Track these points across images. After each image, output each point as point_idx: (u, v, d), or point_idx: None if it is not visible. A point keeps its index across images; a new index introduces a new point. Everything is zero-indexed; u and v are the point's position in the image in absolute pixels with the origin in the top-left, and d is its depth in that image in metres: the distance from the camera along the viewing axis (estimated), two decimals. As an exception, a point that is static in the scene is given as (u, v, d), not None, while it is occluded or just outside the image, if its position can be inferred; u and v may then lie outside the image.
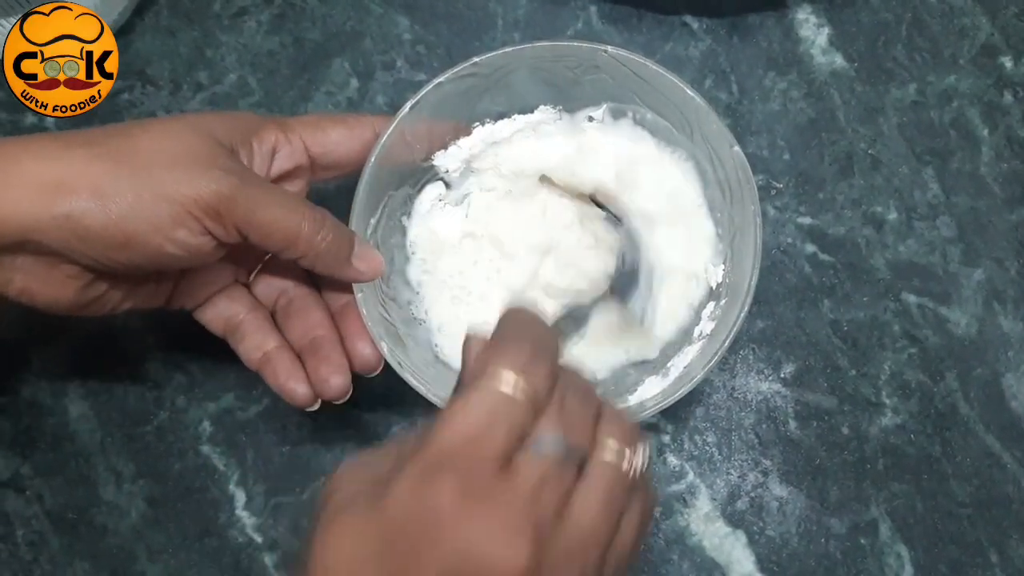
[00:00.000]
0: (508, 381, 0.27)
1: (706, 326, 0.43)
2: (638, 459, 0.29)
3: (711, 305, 0.44)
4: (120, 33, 0.53)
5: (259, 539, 0.47)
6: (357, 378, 0.41)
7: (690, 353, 0.43)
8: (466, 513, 0.25)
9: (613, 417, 0.30)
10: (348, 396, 0.41)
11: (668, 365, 0.43)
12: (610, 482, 0.28)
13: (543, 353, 0.29)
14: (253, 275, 0.43)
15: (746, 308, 0.40)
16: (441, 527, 0.25)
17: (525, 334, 0.30)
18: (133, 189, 0.34)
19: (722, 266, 0.44)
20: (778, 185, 0.50)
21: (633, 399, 0.42)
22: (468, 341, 0.31)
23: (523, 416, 0.27)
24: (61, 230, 0.33)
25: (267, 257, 0.43)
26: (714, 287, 0.44)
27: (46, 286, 0.35)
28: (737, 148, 0.41)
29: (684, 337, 0.44)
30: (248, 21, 0.54)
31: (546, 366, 0.29)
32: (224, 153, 0.36)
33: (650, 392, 0.42)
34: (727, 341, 0.40)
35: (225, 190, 0.35)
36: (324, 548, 0.26)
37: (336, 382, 0.40)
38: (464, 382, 0.29)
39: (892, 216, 0.50)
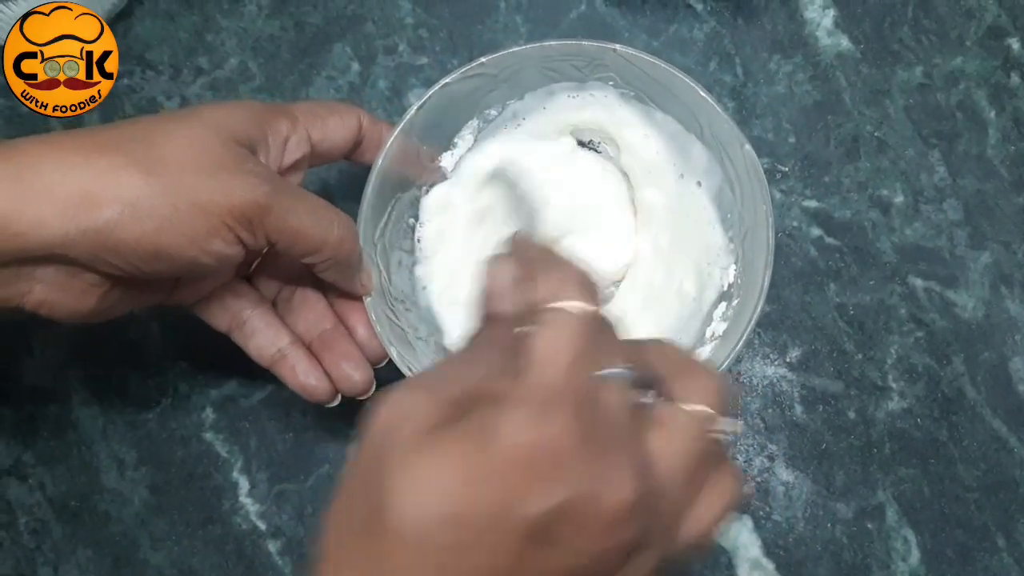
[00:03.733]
0: (576, 309, 0.26)
1: (718, 327, 0.43)
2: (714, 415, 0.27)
3: (723, 305, 0.43)
4: (119, 17, 0.52)
5: (263, 526, 0.47)
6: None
7: (702, 355, 0.42)
8: (580, 451, 0.24)
9: (689, 365, 0.29)
10: (372, 391, 0.41)
11: None
12: (688, 433, 0.27)
13: (584, 278, 0.28)
14: (253, 267, 0.42)
15: (759, 310, 0.39)
16: (556, 464, 0.24)
17: (559, 261, 0.28)
18: (168, 201, 0.32)
19: (733, 266, 0.43)
20: (783, 168, 0.50)
21: None
22: (498, 264, 0.29)
23: (603, 344, 0.26)
24: (91, 244, 0.32)
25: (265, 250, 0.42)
26: (726, 288, 0.43)
27: (66, 296, 0.34)
28: (749, 147, 0.41)
29: (696, 339, 0.43)
30: (248, 5, 0.53)
31: (593, 291, 0.27)
32: (248, 156, 0.35)
33: None
34: (740, 343, 0.39)
35: (261, 199, 0.34)
36: (416, 469, 0.24)
37: (359, 378, 0.40)
38: (521, 314, 0.27)
39: (898, 199, 0.50)
